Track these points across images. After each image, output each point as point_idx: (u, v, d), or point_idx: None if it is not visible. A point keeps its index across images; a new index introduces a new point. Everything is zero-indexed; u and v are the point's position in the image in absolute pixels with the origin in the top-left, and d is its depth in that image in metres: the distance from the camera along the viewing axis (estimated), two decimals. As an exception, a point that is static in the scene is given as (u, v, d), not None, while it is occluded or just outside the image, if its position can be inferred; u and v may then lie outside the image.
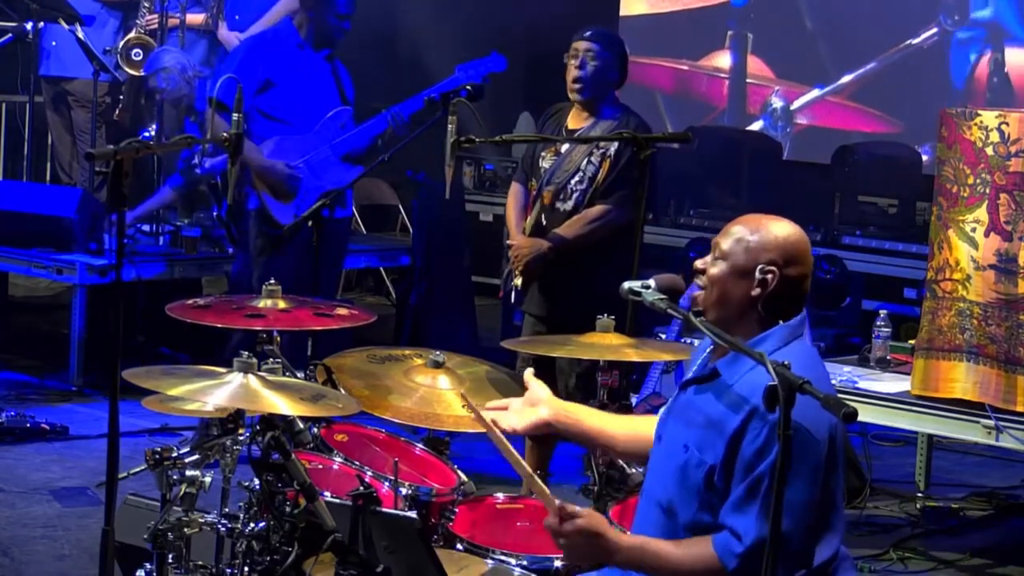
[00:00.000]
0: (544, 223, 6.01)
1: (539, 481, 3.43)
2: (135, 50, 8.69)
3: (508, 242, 6.09)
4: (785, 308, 3.46)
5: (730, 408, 3.38)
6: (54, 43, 9.08)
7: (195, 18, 8.77)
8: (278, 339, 4.59)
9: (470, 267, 9.12)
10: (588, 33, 6.01)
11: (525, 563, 3.98)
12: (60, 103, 9.38)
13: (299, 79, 6.91)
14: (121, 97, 8.91)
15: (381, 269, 10.47)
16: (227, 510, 4.00)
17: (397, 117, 6.84)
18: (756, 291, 3.44)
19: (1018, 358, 5.39)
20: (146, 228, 8.38)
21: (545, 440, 6.02)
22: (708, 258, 3.52)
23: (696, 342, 3.82)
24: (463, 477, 4.47)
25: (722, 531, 3.37)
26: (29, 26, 8.90)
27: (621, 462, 4.31)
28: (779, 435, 3.02)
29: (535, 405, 3.75)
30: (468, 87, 5.91)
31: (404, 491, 4.20)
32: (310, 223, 5.85)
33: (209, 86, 7.59)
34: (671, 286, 3.52)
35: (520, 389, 4.70)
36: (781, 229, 3.48)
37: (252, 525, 3.81)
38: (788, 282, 3.44)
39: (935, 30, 10.05)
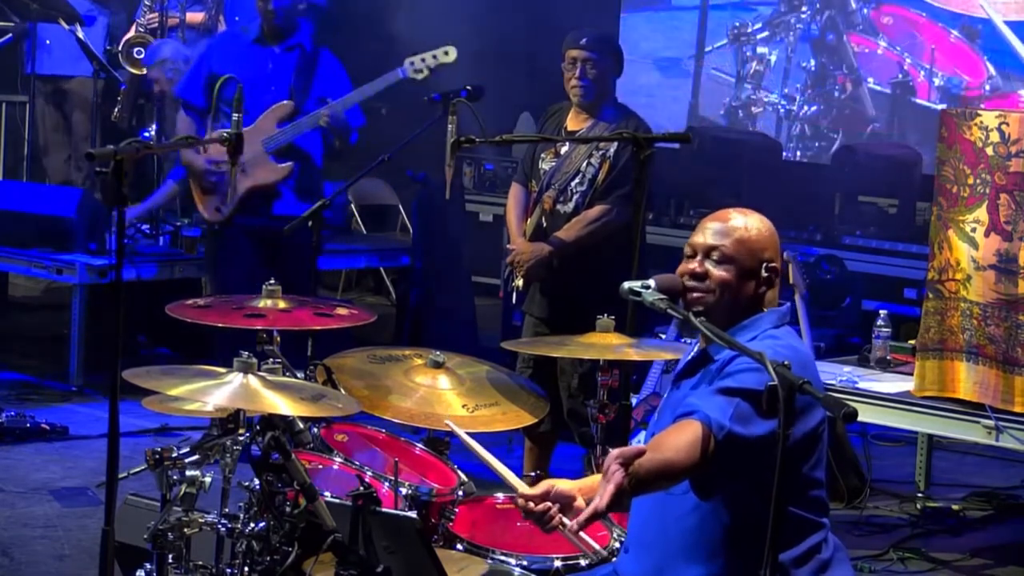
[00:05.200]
0: (544, 225, 6.00)
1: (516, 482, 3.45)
2: (136, 49, 8.68)
3: (508, 246, 6.08)
4: (773, 295, 3.58)
5: (713, 375, 3.44)
6: (48, 41, 9.09)
7: (195, 16, 8.76)
8: (278, 339, 4.59)
9: (470, 267, 9.11)
10: (584, 41, 5.96)
11: (525, 563, 3.99)
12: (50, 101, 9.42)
13: (247, 75, 6.85)
14: (119, 99, 8.90)
15: (381, 269, 10.47)
16: (227, 510, 4.00)
17: (335, 119, 6.81)
18: (762, 288, 3.55)
19: (1016, 359, 5.38)
20: (146, 228, 8.37)
21: (544, 441, 6.03)
22: (699, 259, 3.54)
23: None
24: (463, 477, 4.47)
25: (693, 412, 3.33)
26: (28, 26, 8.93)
27: None
28: (779, 435, 3.04)
29: None
30: (468, 87, 5.89)
31: (404, 491, 4.20)
32: (310, 223, 5.84)
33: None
34: (671, 286, 3.53)
35: (519, 388, 4.72)
36: (763, 222, 3.59)
37: (252, 525, 3.80)
38: (777, 271, 3.58)
39: (935, 30, 10.04)
